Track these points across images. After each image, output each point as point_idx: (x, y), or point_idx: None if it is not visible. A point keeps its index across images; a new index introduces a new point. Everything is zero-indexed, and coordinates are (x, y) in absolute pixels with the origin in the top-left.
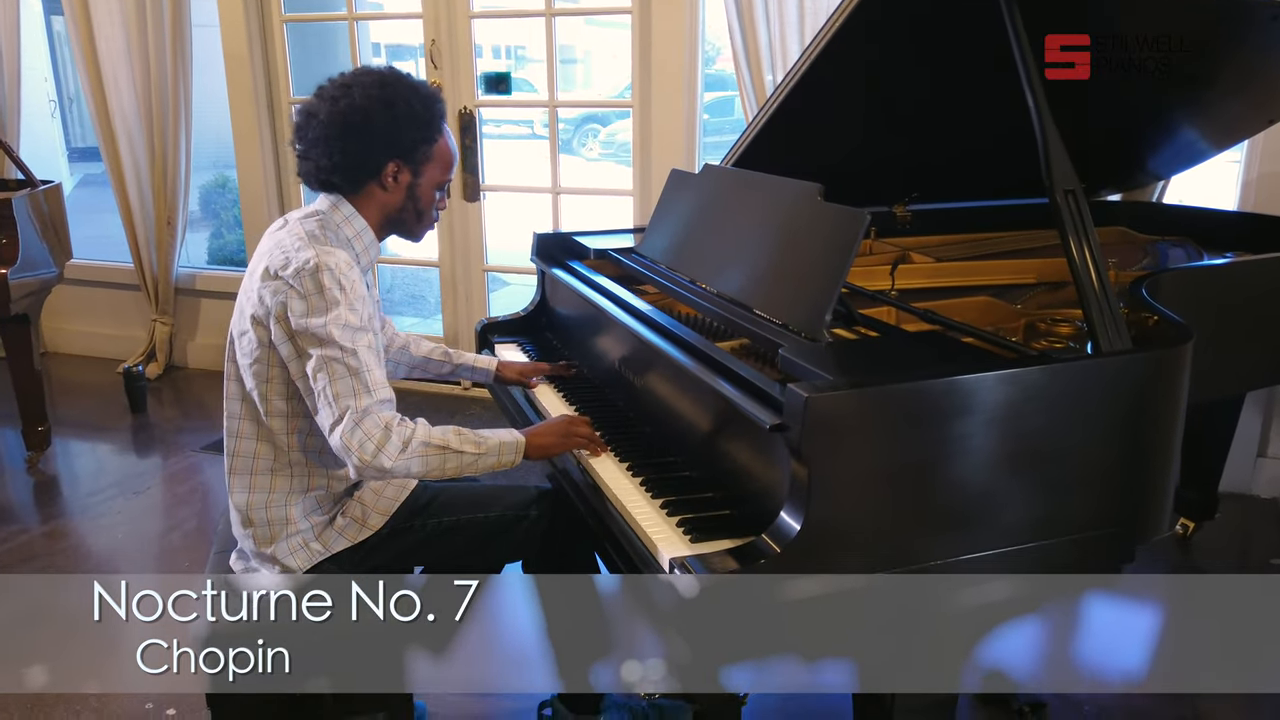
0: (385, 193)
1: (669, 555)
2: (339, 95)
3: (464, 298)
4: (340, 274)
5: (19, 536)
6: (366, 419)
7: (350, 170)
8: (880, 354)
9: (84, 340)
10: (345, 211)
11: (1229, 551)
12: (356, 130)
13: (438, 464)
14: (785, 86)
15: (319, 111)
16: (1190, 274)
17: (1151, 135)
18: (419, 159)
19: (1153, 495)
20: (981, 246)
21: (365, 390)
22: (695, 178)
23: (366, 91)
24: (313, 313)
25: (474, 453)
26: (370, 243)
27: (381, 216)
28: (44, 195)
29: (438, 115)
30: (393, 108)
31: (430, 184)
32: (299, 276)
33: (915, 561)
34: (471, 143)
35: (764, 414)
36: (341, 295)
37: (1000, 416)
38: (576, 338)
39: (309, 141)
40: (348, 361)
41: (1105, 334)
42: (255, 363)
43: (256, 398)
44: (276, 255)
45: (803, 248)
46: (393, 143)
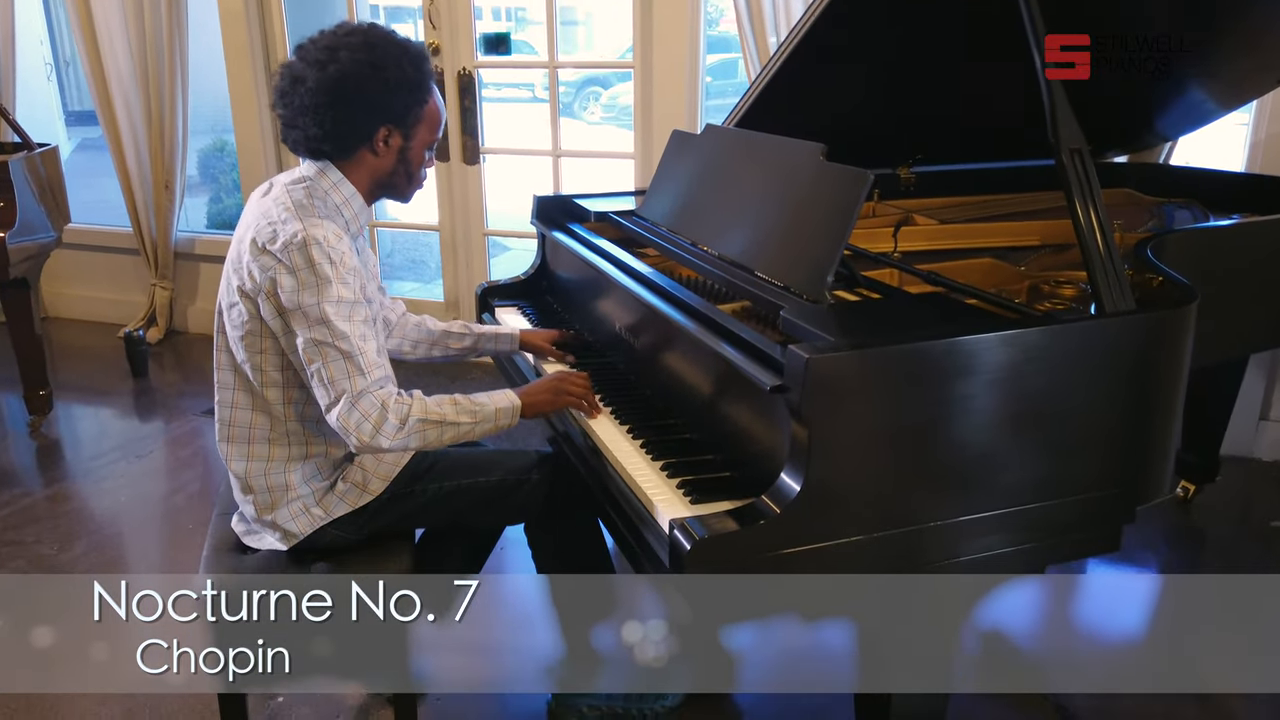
0: (376, 158)
1: (669, 516)
2: (326, 60)
3: (464, 262)
4: (329, 247)
5: (22, 500)
6: (363, 400)
7: (340, 138)
8: (882, 315)
9: (84, 305)
10: (333, 178)
11: (1229, 514)
12: (347, 98)
13: (435, 437)
14: (788, 45)
15: (305, 77)
16: (1195, 235)
17: (1159, 96)
18: (410, 122)
19: (1154, 456)
20: (986, 208)
21: (359, 372)
22: (697, 138)
23: (354, 56)
24: (303, 288)
25: (470, 422)
26: (360, 209)
27: (371, 181)
28: (41, 158)
29: (427, 76)
30: (383, 72)
31: (421, 145)
32: (287, 251)
33: (915, 522)
34: (471, 105)
35: (765, 375)
36: (332, 270)
37: (1002, 377)
38: (577, 301)
39: (295, 109)
40: (339, 345)
41: (1109, 295)
42: (247, 335)
43: (249, 369)
44: (263, 227)
45: (805, 209)
46: (384, 108)
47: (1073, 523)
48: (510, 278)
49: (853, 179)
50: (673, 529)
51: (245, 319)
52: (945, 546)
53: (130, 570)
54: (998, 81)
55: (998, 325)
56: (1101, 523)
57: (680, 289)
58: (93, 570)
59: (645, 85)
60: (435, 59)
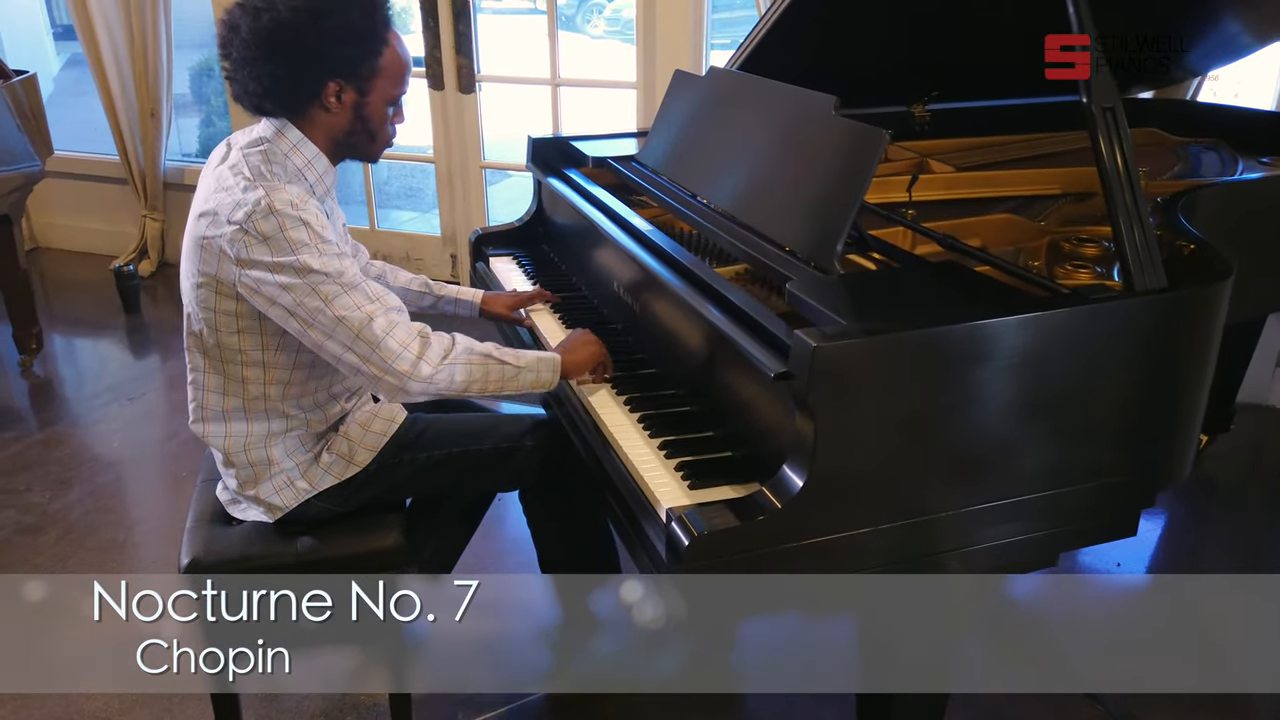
0: (329, 115)
1: (667, 505)
2: (262, 7)
3: (461, 195)
4: (299, 210)
5: (13, 444)
6: (397, 328)
7: (283, 95)
8: (893, 290)
9: (76, 235)
10: (292, 138)
11: (1240, 461)
12: (284, 50)
13: (480, 374)
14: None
15: (240, 26)
16: (1227, 190)
17: (1191, 26)
18: (363, 75)
19: (1178, 439)
20: (1005, 151)
21: (369, 299)
22: (700, 80)
23: (292, 3)
24: (278, 253)
25: (514, 365)
26: (324, 170)
27: (330, 140)
28: (21, 85)
29: (380, 23)
30: (324, 20)
31: (380, 101)
32: (252, 220)
33: (925, 512)
34: (466, 30)
35: (769, 359)
36: (307, 232)
37: (1022, 362)
38: (575, 253)
39: (235, 61)
40: (339, 281)
41: (1140, 272)
42: (219, 315)
43: (224, 351)
44: (224, 200)
45: (814, 167)
46: (329, 62)
47: (1089, 509)
48: (505, 224)
49: (868, 138)
50: (670, 520)
51: (215, 300)
52: (956, 536)
53: (121, 520)
54: (1024, 11)
55: (1016, 303)
56: (1119, 509)
57: (681, 251)
58: (85, 518)
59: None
60: None
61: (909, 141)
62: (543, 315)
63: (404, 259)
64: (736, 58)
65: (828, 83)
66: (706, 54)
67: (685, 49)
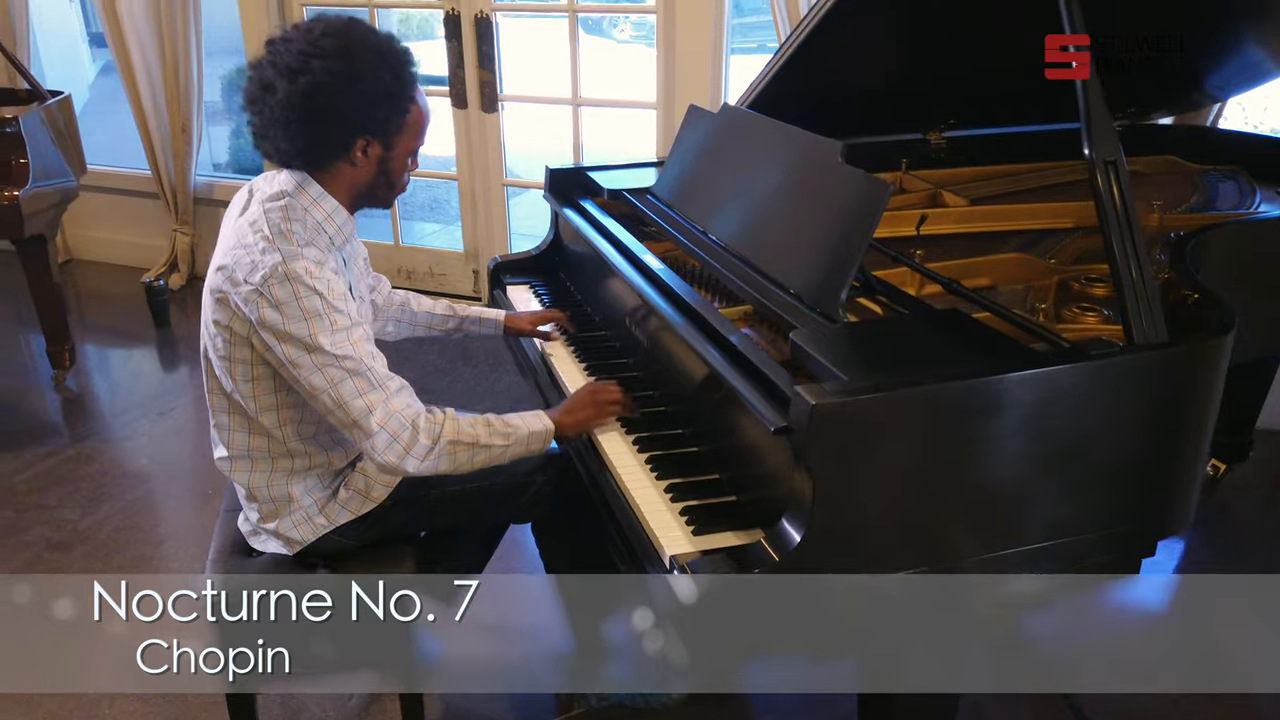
0: (354, 169)
1: (671, 552)
2: (298, 69)
3: (483, 212)
4: (313, 279)
5: (46, 460)
6: (391, 421)
7: (314, 152)
8: (895, 342)
9: (108, 248)
10: (312, 193)
11: (1258, 489)
12: (320, 113)
13: (465, 459)
14: (820, 7)
15: (275, 86)
16: (1239, 230)
17: (1211, 52)
18: (391, 131)
19: (1178, 490)
20: (1019, 180)
21: (372, 387)
22: (713, 118)
23: (328, 65)
24: (290, 320)
25: (502, 445)
26: (343, 221)
27: (352, 192)
28: (57, 107)
29: (409, 82)
30: (360, 84)
31: (403, 154)
32: (268, 285)
33: (922, 565)
34: (489, 50)
35: (770, 412)
36: (320, 303)
37: (1019, 418)
38: (589, 285)
39: (266, 120)
40: (344, 365)
41: (1140, 326)
42: (235, 364)
43: (240, 398)
44: (241, 258)
45: (820, 213)
46: (361, 120)
47: (1088, 557)
48: (522, 253)
49: (871, 190)
50: (673, 569)
51: (232, 350)
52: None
53: (149, 538)
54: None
55: (1015, 359)
56: (1118, 557)
57: (688, 290)
58: (114, 535)
59: (667, 28)
60: (453, 2)
61: (924, 171)
62: (558, 348)
63: (427, 274)
64: (758, 82)
65: (846, 109)
66: (726, 71)
67: (705, 69)
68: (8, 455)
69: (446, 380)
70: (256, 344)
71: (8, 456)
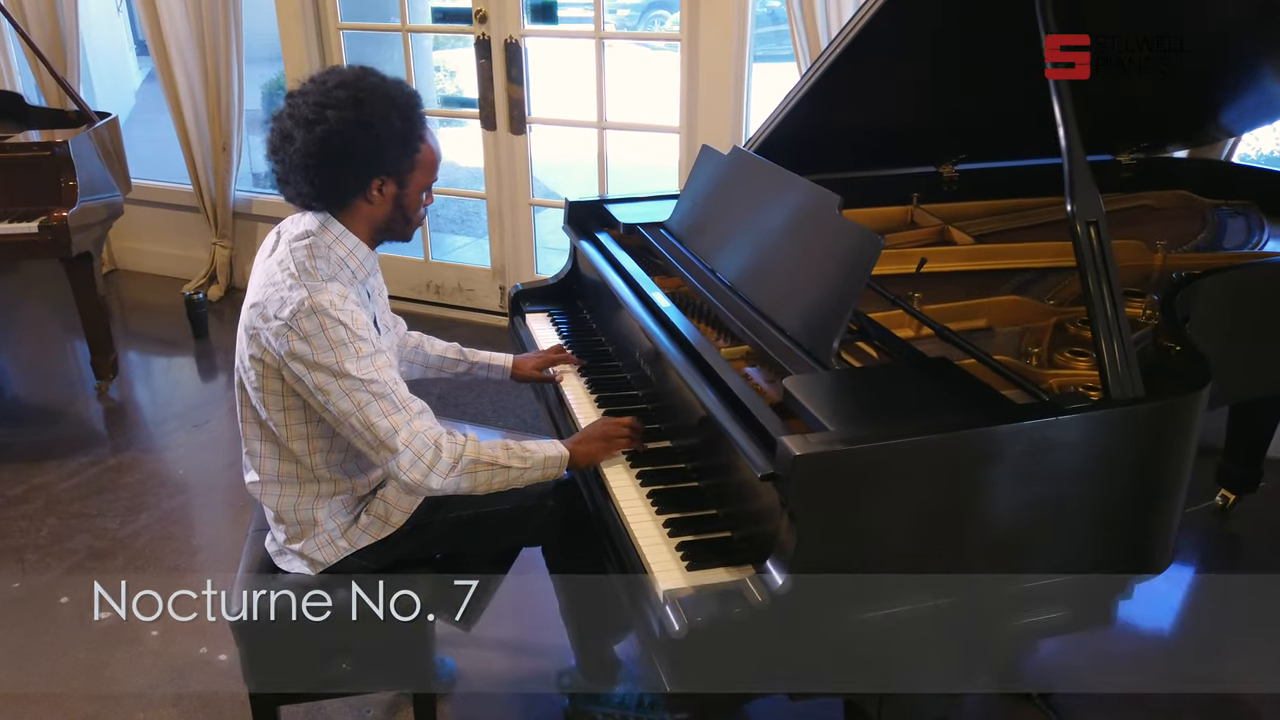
0: (372, 207)
1: (664, 587)
2: (314, 119)
3: (510, 230)
4: (338, 311)
5: (89, 469)
6: (416, 440)
7: (334, 194)
8: (883, 391)
9: (151, 259)
10: (335, 231)
11: (1269, 520)
12: (336, 158)
13: (485, 479)
14: (838, 44)
15: (294, 136)
16: (1232, 276)
17: (1227, 86)
18: (403, 170)
19: (1153, 536)
20: (1027, 215)
21: (396, 409)
22: (723, 160)
23: (342, 114)
24: (318, 352)
25: (520, 468)
26: (365, 256)
27: (371, 228)
28: (105, 128)
29: (418, 124)
30: (372, 130)
31: (417, 190)
32: (296, 319)
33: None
34: (518, 74)
35: (759, 457)
36: (346, 333)
37: (998, 469)
38: (604, 316)
39: (288, 166)
40: (370, 389)
41: (1117, 381)
42: (268, 395)
43: (274, 426)
44: (271, 295)
45: (816, 262)
46: (375, 164)
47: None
48: (542, 280)
49: (863, 243)
50: (666, 604)
51: (265, 381)
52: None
53: (183, 548)
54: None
55: (996, 411)
56: (1093, 601)
57: (690, 328)
58: (150, 545)
59: (691, 56)
60: (483, 26)
61: (934, 205)
62: (571, 378)
63: (456, 289)
64: (774, 117)
65: (862, 142)
66: (747, 103)
67: (727, 98)
68: (54, 464)
69: (473, 394)
70: (287, 376)
71: (54, 465)
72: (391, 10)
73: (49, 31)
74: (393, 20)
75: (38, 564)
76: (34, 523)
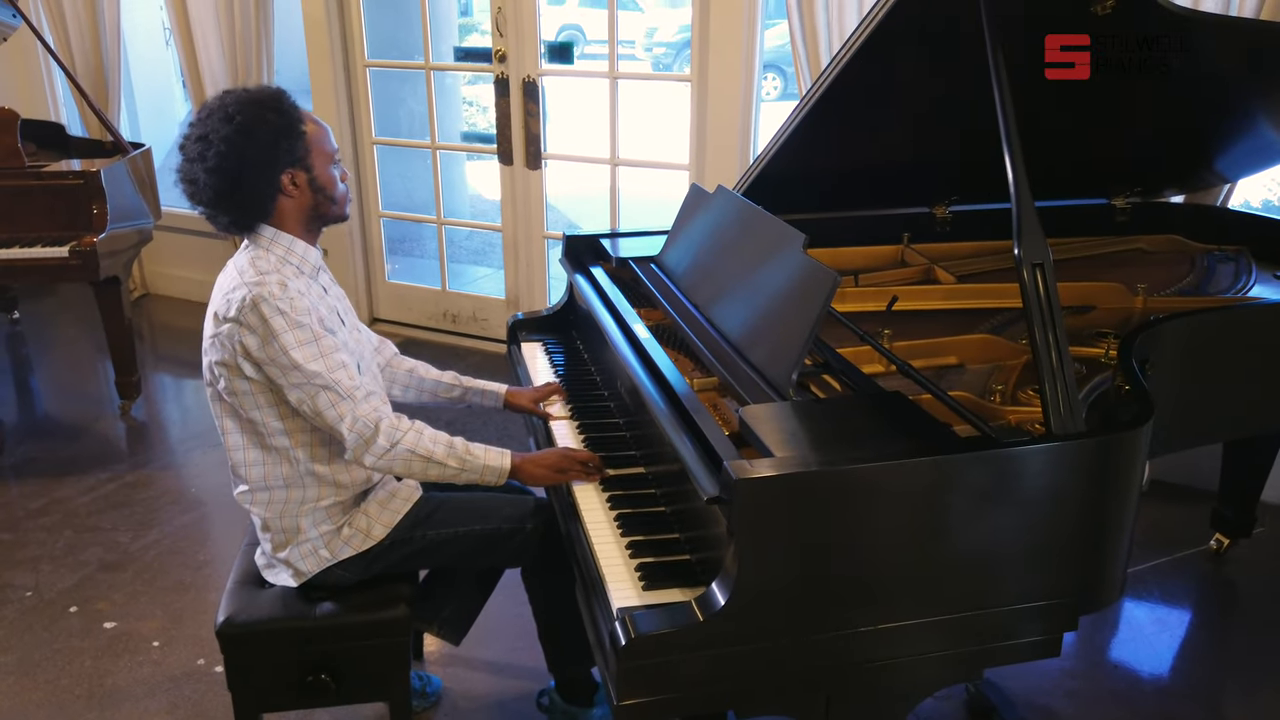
0: (293, 200)
1: (618, 604)
2: (204, 151)
3: (524, 261)
4: (276, 300)
5: (107, 485)
6: (358, 424)
7: (256, 207)
8: (835, 422)
9: (181, 284)
10: (268, 235)
11: (1264, 564)
12: (238, 173)
13: (420, 470)
14: (827, 76)
15: (196, 176)
16: (1188, 321)
17: (1224, 133)
18: (301, 156)
19: (1099, 569)
20: (1009, 258)
21: (341, 398)
22: (708, 198)
23: (223, 134)
24: (265, 343)
25: (456, 468)
26: (304, 250)
27: (302, 220)
28: (140, 158)
29: (292, 111)
30: (254, 132)
31: (324, 168)
32: (242, 314)
33: (847, 627)
34: (535, 110)
35: (708, 481)
36: (284, 320)
37: (936, 500)
38: (594, 347)
39: (209, 203)
40: (315, 383)
41: (1058, 417)
42: (239, 395)
43: (255, 425)
44: (220, 300)
45: (782, 296)
46: (274, 160)
47: (1013, 629)
48: (538, 311)
49: (819, 280)
50: (616, 619)
51: (234, 382)
52: (877, 650)
53: (190, 563)
54: (1032, 125)
55: (937, 442)
56: (1039, 631)
57: (663, 357)
58: (159, 559)
59: (700, 97)
60: (501, 66)
61: (924, 245)
62: (556, 406)
63: (470, 318)
64: (764, 155)
65: (852, 183)
66: (755, 140)
67: (734, 137)
68: (73, 479)
69: (479, 420)
70: (249, 371)
71: (73, 480)
72: (416, 49)
73: (92, 66)
74: (417, 59)
75: (52, 574)
76: (52, 534)
